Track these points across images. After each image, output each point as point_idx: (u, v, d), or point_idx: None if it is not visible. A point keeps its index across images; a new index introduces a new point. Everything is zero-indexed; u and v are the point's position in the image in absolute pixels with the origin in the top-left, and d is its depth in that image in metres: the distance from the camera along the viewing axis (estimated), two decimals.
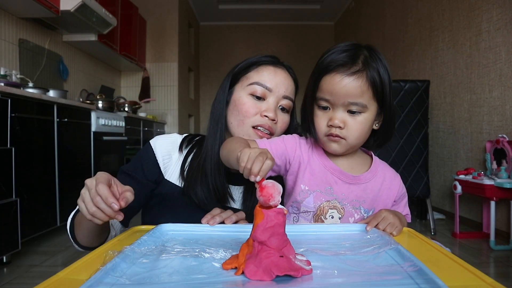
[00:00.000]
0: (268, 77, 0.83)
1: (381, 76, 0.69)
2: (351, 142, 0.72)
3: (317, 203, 0.75)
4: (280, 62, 0.88)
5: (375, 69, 0.69)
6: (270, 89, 0.83)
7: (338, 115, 0.70)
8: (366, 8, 5.19)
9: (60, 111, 2.43)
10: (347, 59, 0.69)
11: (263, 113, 0.82)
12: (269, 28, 6.94)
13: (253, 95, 0.83)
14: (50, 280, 0.42)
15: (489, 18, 2.56)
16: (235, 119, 0.84)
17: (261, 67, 0.85)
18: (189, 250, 0.51)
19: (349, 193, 0.75)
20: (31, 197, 2.11)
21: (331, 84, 0.69)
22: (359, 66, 0.68)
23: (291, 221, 0.78)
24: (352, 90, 0.68)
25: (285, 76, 0.86)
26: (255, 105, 0.82)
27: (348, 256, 0.51)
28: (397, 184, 0.80)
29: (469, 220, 2.79)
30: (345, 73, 0.68)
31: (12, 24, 2.77)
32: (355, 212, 0.75)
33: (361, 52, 0.70)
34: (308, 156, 0.77)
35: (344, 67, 0.68)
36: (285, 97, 0.85)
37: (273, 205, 0.47)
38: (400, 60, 4.04)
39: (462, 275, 0.45)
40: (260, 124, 0.82)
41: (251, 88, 0.83)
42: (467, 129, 2.83)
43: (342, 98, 0.69)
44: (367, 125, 0.71)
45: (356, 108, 0.69)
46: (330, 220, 0.75)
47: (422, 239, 0.64)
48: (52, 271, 1.93)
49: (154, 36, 5.11)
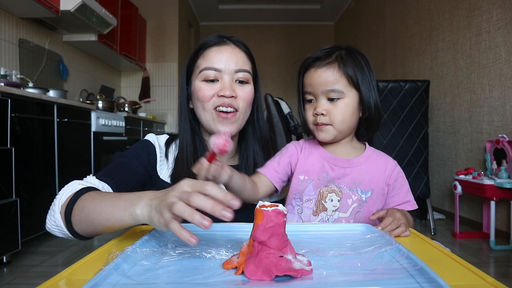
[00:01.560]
0: (215, 59, 0.84)
1: (354, 68, 0.78)
2: (337, 127, 0.79)
3: (317, 189, 0.81)
4: (224, 40, 0.87)
5: (347, 61, 0.78)
6: (219, 69, 0.84)
7: (320, 103, 0.79)
8: (366, 8, 5.19)
9: (60, 111, 2.43)
10: (322, 54, 0.80)
11: (219, 93, 0.83)
12: (269, 28, 6.94)
13: (206, 80, 0.84)
14: (52, 280, 0.42)
15: (489, 18, 2.56)
16: (198, 108, 0.86)
17: (206, 51, 0.86)
18: (190, 251, 0.52)
19: (344, 176, 0.81)
20: (31, 197, 2.11)
21: (310, 77, 0.80)
22: (332, 59, 0.79)
23: (296, 213, 0.83)
24: (327, 78, 0.78)
25: (231, 51, 0.85)
26: (211, 87, 0.84)
27: (349, 256, 0.52)
28: (391, 166, 0.84)
29: (469, 220, 2.79)
30: (319, 65, 0.79)
31: (12, 24, 2.77)
32: (352, 194, 0.81)
33: (337, 49, 0.80)
34: (307, 152, 0.85)
35: (319, 61, 0.79)
36: (237, 70, 0.85)
37: (227, 150, 0.56)
38: (400, 60, 4.04)
39: (463, 274, 0.45)
40: (220, 104, 0.83)
41: (203, 74, 0.84)
42: (467, 129, 2.84)
43: (320, 87, 0.78)
44: (348, 110, 0.79)
45: (334, 94, 0.78)
46: (330, 203, 0.81)
47: (422, 238, 0.64)
48: (52, 271, 1.93)
49: (154, 36, 5.11)
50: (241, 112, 0.86)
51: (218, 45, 0.86)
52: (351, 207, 0.81)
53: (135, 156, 0.85)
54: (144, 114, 4.44)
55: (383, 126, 2.59)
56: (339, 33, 6.70)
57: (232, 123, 0.85)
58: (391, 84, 2.60)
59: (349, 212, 0.81)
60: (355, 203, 0.80)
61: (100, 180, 0.77)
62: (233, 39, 0.88)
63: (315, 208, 0.81)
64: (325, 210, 0.81)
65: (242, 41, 0.90)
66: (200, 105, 0.85)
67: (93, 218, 0.62)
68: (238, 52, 0.86)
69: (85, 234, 0.67)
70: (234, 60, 0.85)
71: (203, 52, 0.86)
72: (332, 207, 0.81)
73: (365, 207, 0.81)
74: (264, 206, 0.47)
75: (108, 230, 0.63)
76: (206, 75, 0.84)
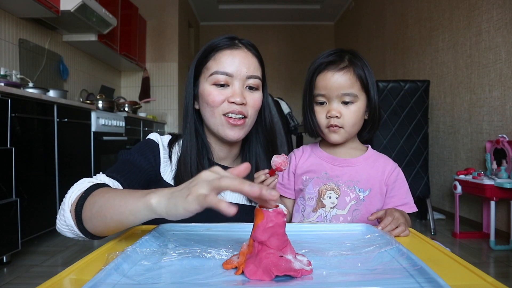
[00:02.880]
0: (226, 63, 0.82)
1: (364, 71, 0.82)
2: (348, 130, 0.83)
3: (316, 187, 0.85)
4: (236, 42, 0.85)
5: (359, 66, 0.82)
6: (231, 74, 0.81)
7: (334, 106, 0.82)
8: (366, 8, 5.19)
9: (60, 111, 2.43)
10: (335, 58, 0.83)
11: (229, 99, 0.81)
12: (269, 28, 6.94)
13: (217, 84, 0.82)
14: (53, 280, 0.42)
15: (489, 18, 2.56)
16: (206, 112, 0.84)
17: (218, 53, 0.83)
18: (190, 251, 0.52)
19: (342, 175, 0.85)
20: (31, 197, 2.11)
21: (325, 80, 0.82)
22: (346, 63, 0.82)
23: (300, 212, 0.88)
24: (343, 83, 0.81)
25: (244, 56, 0.83)
26: (221, 93, 0.82)
27: (349, 256, 0.52)
28: (390, 167, 0.86)
29: (469, 220, 2.79)
30: (336, 69, 0.81)
31: (12, 24, 2.77)
32: (350, 192, 0.84)
33: (345, 53, 0.84)
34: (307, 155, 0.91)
35: (333, 64, 0.82)
36: (249, 77, 0.83)
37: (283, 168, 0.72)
38: (400, 60, 4.04)
39: (463, 274, 0.45)
40: (230, 111, 0.82)
41: (213, 78, 0.82)
42: (467, 129, 2.84)
43: (335, 91, 0.81)
44: (359, 113, 0.83)
45: (348, 98, 0.81)
46: (328, 200, 0.84)
47: (422, 238, 0.64)
48: (52, 271, 1.93)
49: (154, 36, 5.11)
50: (249, 119, 0.85)
51: (231, 48, 0.83)
52: (349, 205, 0.83)
53: (141, 154, 0.83)
54: (144, 114, 4.44)
55: (383, 126, 2.59)
56: (339, 33, 6.70)
57: (241, 129, 0.84)
58: (391, 84, 2.60)
59: (346, 209, 0.83)
60: (353, 201, 0.83)
61: (110, 177, 0.76)
62: (244, 42, 0.86)
63: (315, 205, 0.85)
64: (323, 207, 0.83)
65: (253, 44, 0.88)
66: (209, 110, 0.83)
67: (105, 212, 0.58)
68: (250, 57, 0.84)
69: (97, 232, 0.63)
70: (246, 65, 0.82)
71: (215, 54, 0.83)
72: (330, 203, 0.83)
73: (363, 205, 0.83)
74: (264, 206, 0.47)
75: (120, 226, 0.58)
76: (217, 79, 0.82)
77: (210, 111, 0.83)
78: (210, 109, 0.83)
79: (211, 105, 0.82)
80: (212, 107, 0.82)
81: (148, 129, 4.27)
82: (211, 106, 0.82)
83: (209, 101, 0.82)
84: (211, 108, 0.82)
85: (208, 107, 0.83)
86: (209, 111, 0.83)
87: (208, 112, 0.84)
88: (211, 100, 0.82)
